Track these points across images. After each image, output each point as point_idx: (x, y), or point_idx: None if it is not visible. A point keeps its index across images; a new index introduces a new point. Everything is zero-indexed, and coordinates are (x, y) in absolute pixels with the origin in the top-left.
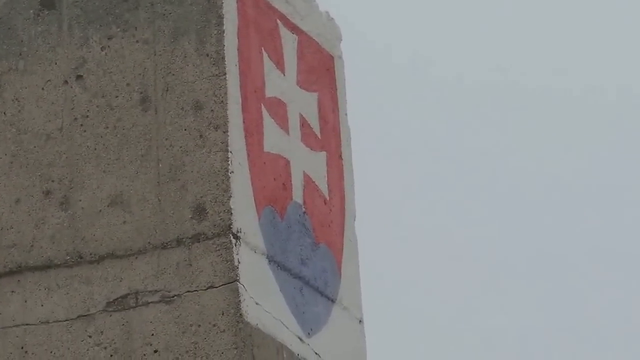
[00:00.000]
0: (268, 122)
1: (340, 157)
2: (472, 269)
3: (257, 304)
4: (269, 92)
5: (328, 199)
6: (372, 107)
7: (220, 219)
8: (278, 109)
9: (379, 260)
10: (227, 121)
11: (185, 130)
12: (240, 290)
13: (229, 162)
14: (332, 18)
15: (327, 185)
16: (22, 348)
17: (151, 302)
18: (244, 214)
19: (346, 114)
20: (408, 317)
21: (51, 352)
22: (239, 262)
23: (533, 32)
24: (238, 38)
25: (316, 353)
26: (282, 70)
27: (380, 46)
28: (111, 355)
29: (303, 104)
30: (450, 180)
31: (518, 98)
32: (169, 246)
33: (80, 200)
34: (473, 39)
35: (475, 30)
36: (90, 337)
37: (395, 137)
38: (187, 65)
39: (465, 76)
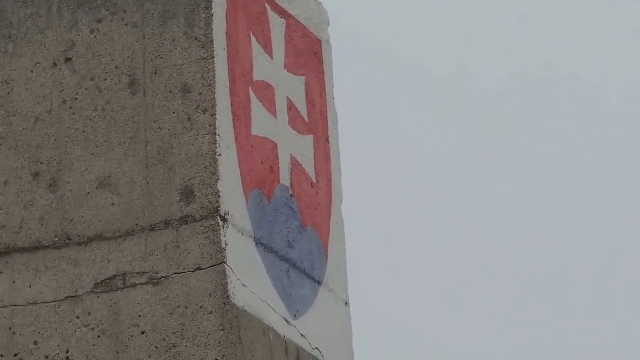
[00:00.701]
0: (256, 105)
1: (327, 140)
2: (457, 252)
3: (244, 286)
4: (257, 76)
5: (315, 182)
6: (358, 92)
7: (208, 201)
8: (266, 92)
9: (366, 242)
10: (215, 104)
11: (173, 113)
12: (227, 273)
13: (217, 145)
14: (320, 2)
15: (314, 169)
16: (10, 329)
17: (139, 284)
18: (232, 196)
19: (333, 98)
20: (394, 300)
21: (39, 333)
22: (226, 245)
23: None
24: (226, 22)
25: (302, 335)
26: (270, 54)
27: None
28: (99, 337)
29: (291, 88)
30: (436, 168)
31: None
32: (157, 228)
33: (68, 183)
34: (436, 28)
35: (437, 20)
36: (78, 318)
37: (380, 122)
38: (176, 49)
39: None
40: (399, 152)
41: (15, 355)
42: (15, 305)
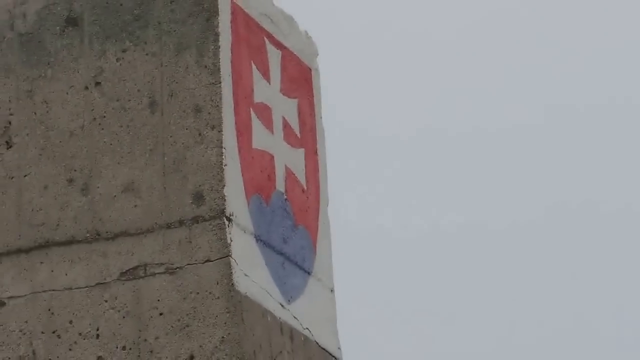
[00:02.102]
0: (256, 123)
1: (316, 153)
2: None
3: (246, 275)
4: (257, 98)
5: (305, 188)
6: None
7: (216, 204)
8: (264, 112)
9: (349, 238)
10: (222, 122)
11: (186, 129)
12: (232, 264)
13: (223, 157)
14: (310, 36)
15: (305, 177)
16: (49, 310)
17: (157, 273)
18: (236, 200)
19: (321, 117)
20: (375, 289)
21: (73, 314)
22: (231, 241)
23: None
24: (231, 52)
25: (295, 317)
26: (268, 80)
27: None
28: (123, 317)
29: (285, 109)
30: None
31: None
32: (172, 226)
33: (98, 187)
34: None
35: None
36: (106, 301)
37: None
38: (189, 75)
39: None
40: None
41: (54, 332)
42: (53, 290)
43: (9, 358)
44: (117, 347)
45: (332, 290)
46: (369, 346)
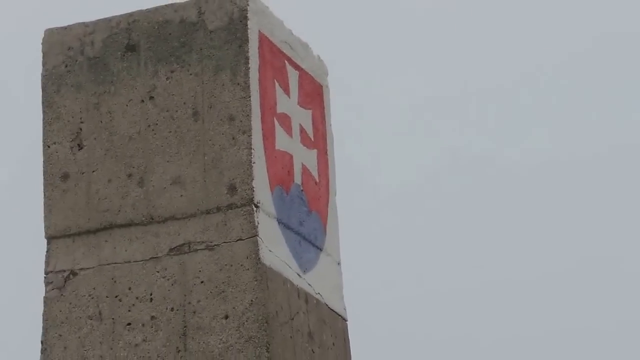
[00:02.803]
0: (278, 129)
1: (326, 153)
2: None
3: (270, 251)
4: (279, 109)
5: (318, 181)
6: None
7: (246, 194)
8: (285, 120)
9: (354, 221)
10: (251, 128)
11: (222, 134)
12: (259, 242)
13: (252, 156)
14: (322, 59)
15: (317, 172)
16: (112, 279)
17: (199, 249)
18: (262, 191)
19: (330, 125)
20: (379, 262)
21: (132, 282)
22: (258, 223)
23: None
24: (259, 72)
25: (309, 284)
26: (288, 95)
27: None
28: (172, 285)
29: (302, 118)
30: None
31: None
32: (211, 212)
33: (151, 180)
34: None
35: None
36: (158, 272)
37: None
38: (224, 91)
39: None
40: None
41: (116, 297)
42: (115, 263)
43: (80, 317)
44: (166, 309)
45: (339, 263)
46: (370, 309)
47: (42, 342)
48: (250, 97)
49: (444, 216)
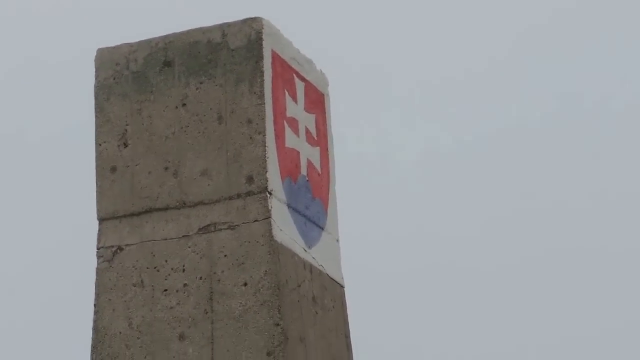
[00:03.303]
0: (288, 130)
1: (327, 150)
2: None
3: (281, 230)
4: (289, 114)
5: (320, 173)
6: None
7: (261, 183)
8: (293, 123)
9: (349, 206)
10: (265, 129)
11: (242, 134)
12: (272, 223)
13: (266, 152)
14: (323, 73)
15: (319, 165)
16: (151, 253)
17: (223, 229)
18: (274, 181)
19: (330, 127)
20: (373, 239)
21: (168, 255)
22: (271, 207)
23: None
24: (272, 84)
25: (313, 257)
26: (296, 101)
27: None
28: (201, 258)
29: (307, 121)
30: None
31: None
32: (233, 198)
33: (184, 172)
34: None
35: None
36: (189, 247)
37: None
38: (243, 99)
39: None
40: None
41: (155, 268)
42: (154, 240)
43: (126, 284)
44: (196, 278)
45: (337, 240)
46: (364, 278)
47: (94, 306)
48: (264, 103)
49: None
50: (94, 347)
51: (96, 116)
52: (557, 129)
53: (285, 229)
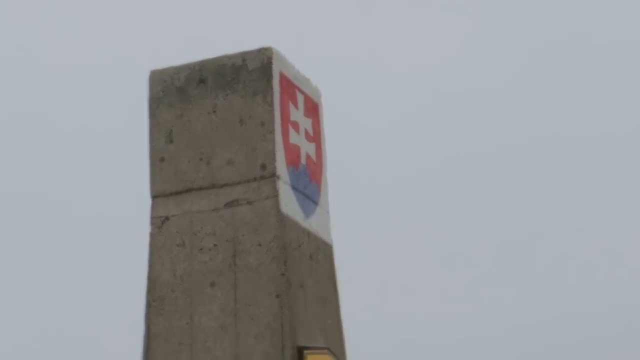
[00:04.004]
0: (291, 130)
1: (320, 146)
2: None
3: (286, 205)
4: (292, 118)
5: (315, 162)
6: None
7: (272, 170)
8: (295, 125)
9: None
10: (274, 130)
11: (257, 133)
12: (279, 199)
13: (275, 147)
14: (317, 87)
15: (315, 157)
16: (190, 221)
17: (243, 204)
18: (281, 168)
19: (323, 128)
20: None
21: (202, 223)
22: (279, 188)
23: None
24: (280, 96)
25: (310, 225)
26: (297, 109)
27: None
28: (226, 225)
29: (306, 123)
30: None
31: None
32: (250, 181)
33: (214, 162)
34: None
35: None
36: (218, 217)
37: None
38: (258, 107)
39: None
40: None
41: (193, 232)
42: (192, 212)
43: (171, 245)
44: (223, 240)
45: (328, 212)
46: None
47: (148, 260)
48: (274, 110)
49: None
50: (148, 291)
51: (150, 120)
52: None
53: (289, 204)
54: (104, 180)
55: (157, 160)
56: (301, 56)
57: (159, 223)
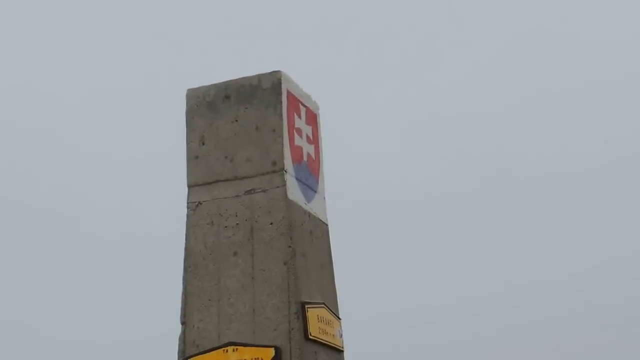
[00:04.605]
0: (296, 135)
1: (318, 147)
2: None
3: (292, 192)
4: (296, 125)
5: (314, 159)
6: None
7: (281, 165)
8: (299, 131)
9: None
10: (283, 135)
11: (270, 138)
12: (287, 188)
13: (283, 148)
14: (316, 101)
15: (314, 156)
16: (218, 206)
17: (258, 192)
18: (288, 164)
19: (320, 133)
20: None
21: (227, 207)
22: (286, 180)
23: None
24: (287, 109)
25: (310, 208)
26: (300, 117)
27: None
28: (246, 208)
29: (307, 129)
30: None
31: None
32: (264, 174)
33: (237, 159)
34: None
35: None
36: (239, 202)
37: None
38: (270, 117)
39: None
40: None
41: (220, 214)
42: (219, 198)
43: (203, 224)
44: (243, 219)
45: (324, 198)
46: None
47: (185, 236)
48: (282, 120)
49: None
50: (185, 259)
51: (187, 127)
52: None
53: (294, 192)
54: (158, 177)
55: (192, 158)
56: (305, 76)
57: (193, 207)
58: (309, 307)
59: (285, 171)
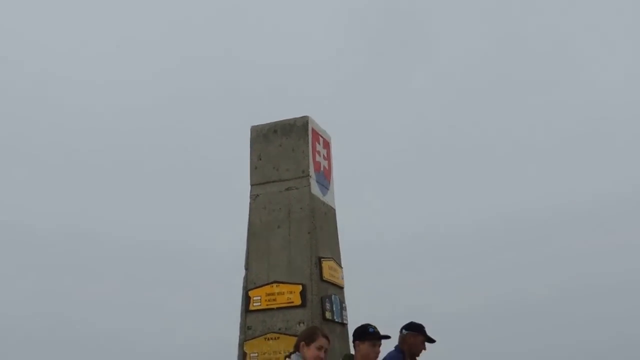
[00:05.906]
0: (316, 155)
1: (330, 162)
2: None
3: (314, 190)
4: (317, 149)
5: (328, 169)
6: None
7: (307, 173)
8: (319, 153)
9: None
10: (309, 155)
11: (300, 156)
12: (311, 187)
13: (309, 163)
14: (328, 134)
15: (328, 166)
16: (269, 199)
17: (293, 189)
18: (312, 172)
19: (332, 155)
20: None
21: (274, 199)
22: (310, 182)
23: None
24: (311, 140)
25: (325, 199)
26: (319, 144)
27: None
28: (285, 198)
29: (324, 152)
30: None
31: None
32: (297, 178)
33: (280, 169)
34: None
35: None
36: (281, 195)
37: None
38: (301, 144)
39: None
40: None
41: (270, 203)
42: (270, 193)
43: (260, 209)
44: (283, 206)
45: (333, 193)
46: (346, 207)
47: (248, 216)
48: (308, 146)
49: None
50: (248, 229)
51: (250, 148)
52: None
53: (315, 189)
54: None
55: (253, 168)
56: (324, 117)
57: (254, 197)
58: (323, 260)
59: (310, 177)
